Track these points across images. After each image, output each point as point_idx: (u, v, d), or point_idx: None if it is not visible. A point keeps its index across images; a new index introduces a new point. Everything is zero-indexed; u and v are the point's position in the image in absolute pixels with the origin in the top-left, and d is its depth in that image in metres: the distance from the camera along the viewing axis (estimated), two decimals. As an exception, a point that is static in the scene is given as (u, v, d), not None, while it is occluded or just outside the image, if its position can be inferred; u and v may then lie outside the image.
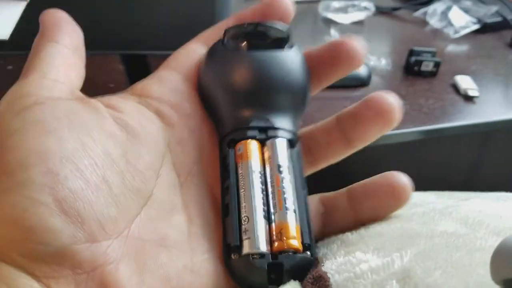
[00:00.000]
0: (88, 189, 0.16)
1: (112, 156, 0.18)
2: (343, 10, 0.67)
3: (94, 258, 0.16)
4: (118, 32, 0.47)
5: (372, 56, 0.58)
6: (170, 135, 0.20)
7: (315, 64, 0.22)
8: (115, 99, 0.20)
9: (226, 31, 0.22)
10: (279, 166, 0.20)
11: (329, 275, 0.17)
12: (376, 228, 0.20)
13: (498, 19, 0.69)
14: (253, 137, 0.21)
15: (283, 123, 0.21)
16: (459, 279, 0.15)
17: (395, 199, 0.20)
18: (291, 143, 0.21)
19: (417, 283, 0.15)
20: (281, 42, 0.22)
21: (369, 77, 0.56)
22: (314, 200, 0.22)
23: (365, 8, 0.68)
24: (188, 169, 0.21)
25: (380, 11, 0.71)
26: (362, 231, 0.20)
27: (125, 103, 0.20)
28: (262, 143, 0.21)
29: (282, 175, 0.20)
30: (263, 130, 0.21)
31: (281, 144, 0.21)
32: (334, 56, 0.22)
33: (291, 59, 0.22)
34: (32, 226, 0.15)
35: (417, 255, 0.17)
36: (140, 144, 0.19)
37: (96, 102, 0.19)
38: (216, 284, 0.19)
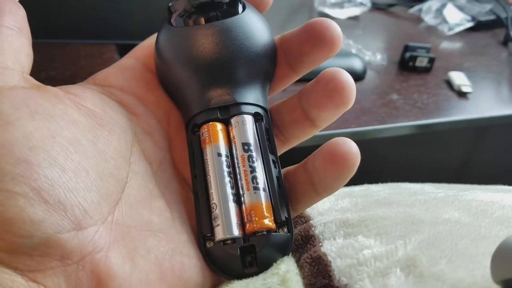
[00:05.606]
0: (65, 175, 0.15)
1: (82, 142, 0.17)
2: (339, 5, 0.67)
3: (82, 246, 0.15)
4: (114, 22, 0.47)
5: (368, 51, 0.59)
6: (136, 125, 0.20)
7: (287, 50, 0.21)
8: (75, 87, 0.19)
9: (169, 8, 0.21)
10: (244, 145, 0.19)
11: (330, 258, 0.17)
12: (377, 211, 0.19)
13: (492, 17, 0.70)
14: (216, 119, 0.20)
15: (246, 96, 0.20)
16: (466, 270, 0.15)
17: (338, 168, 0.18)
18: (258, 118, 0.20)
19: (422, 272, 0.15)
20: (231, 7, 0.20)
21: (364, 72, 0.56)
22: None
23: (361, 4, 0.68)
24: (159, 157, 0.20)
25: (376, 7, 0.71)
26: (362, 213, 0.20)
27: (86, 91, 0.19)
28: (227, 122, 0.20)
29: (248, 153, 0.19)
30: (225, 108, 0.20)
31: (245, 121, 0.20)
32: (306, 38, 0.20)
33: (244, 23, 0.20)
34: (11, 219, 0.14)
35: (421, 243, 0.16)
36: (106, 131, 0.18)
37: (55, 89, 0.18)
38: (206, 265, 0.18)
